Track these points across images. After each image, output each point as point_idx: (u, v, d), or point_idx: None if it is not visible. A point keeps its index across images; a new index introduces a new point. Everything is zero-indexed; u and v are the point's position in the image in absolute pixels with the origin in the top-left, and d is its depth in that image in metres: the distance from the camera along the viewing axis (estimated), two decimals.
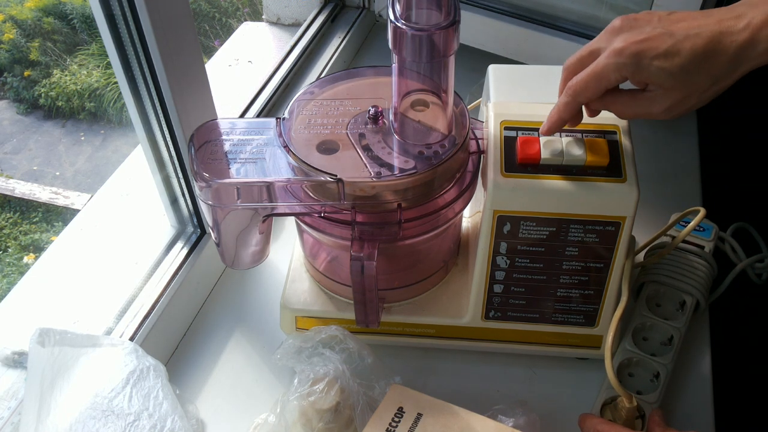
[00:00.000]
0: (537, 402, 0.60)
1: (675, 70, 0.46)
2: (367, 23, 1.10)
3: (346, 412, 0.55)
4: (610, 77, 0.48)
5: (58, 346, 0.55)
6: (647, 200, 0.57)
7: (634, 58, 0.46)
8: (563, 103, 0.51)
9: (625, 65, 0.47)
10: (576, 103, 0.51)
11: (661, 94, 0.48)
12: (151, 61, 0.58)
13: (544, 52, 0.91)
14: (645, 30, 0.46)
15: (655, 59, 0.46)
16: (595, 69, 0.48)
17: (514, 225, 0.55)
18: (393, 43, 0.50)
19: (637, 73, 0.47)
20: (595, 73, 0.48)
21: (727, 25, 0.45)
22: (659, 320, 0.65)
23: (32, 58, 3.47)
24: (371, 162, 0.54)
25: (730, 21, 0.45)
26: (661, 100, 0.48)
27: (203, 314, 0.71)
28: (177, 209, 0.70)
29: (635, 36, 0.46)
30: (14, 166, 3.15)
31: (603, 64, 0.48)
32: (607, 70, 0.48)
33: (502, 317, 0.62)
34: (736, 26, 0.45)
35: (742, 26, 0.44)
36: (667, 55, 0.45)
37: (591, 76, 0.48)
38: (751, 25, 0.44)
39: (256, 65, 1.07)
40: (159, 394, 0.57)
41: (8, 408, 0.56)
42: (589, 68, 0.49)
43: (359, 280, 0.55)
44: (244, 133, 0.57)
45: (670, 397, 0.62)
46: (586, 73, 0.49)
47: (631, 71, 0.47)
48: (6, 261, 2.71)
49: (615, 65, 0.47)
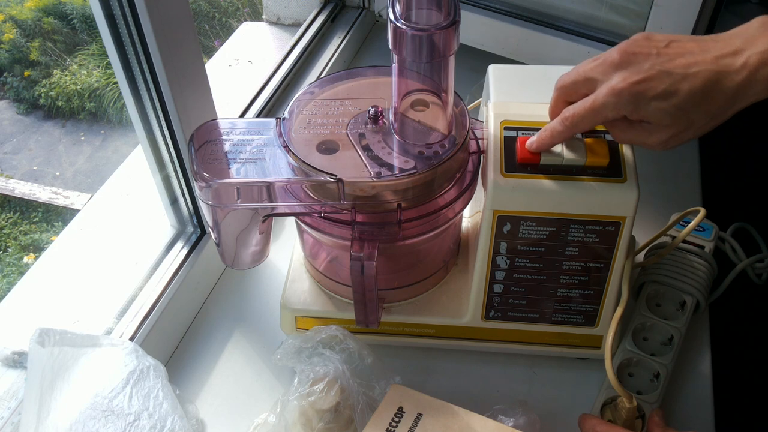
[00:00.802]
0: (537, 402, 0.60)
1: (672, 109, 0.46)
2: (367, 23, 1.10)
3: (346, 412, 0.55)
4: (607, 114, 0.48)
5: (58, 346, 0.55)
6: (647, 200, 0.57)
7: (633, 98, 0.46)
8: (558, 132, 0.52)
9: (624, 105, 0.47)
10: (571, 132, 0.52)
11: (657, 128, 0.48)
12: (151, 61, 0.58)
13: (544, 52, 0.91)
14: (643, 67, 0.46)
15: (653, 100, 0.46)
16: (594, 105, 0.48)
17: (514, 225, 0.55)
18: (393, 43, 0.50)
19: (635, 112, 0.47)
20: (593, 109, 0.48)
21: (724, 63, 0.45)
22: (659, 320, 0.65)
23: (32, 58, 3.47)
24: (371, 162, 0.54)
25: (727, 59, 0.45)
26: (657, 133, 0.48)
27: (203, 314, 0.71)
28: (177, 209, 0.70)
29: (633, 75, 0.46)
30: (14, 166, 3.15)
31: (601, 102, 0.48)
32: (605, 108, 0.48)
33: (502, 317, 0.62)
34: (733, 65, 0.45)
35: (739, 65, 0.44)
36: (665, 96, 0.46)
37: (588, 111, 0.49)
38: (749, 64, 0.44)
39: (256, 65, 1.07)
40: (159, 394, 0.57)
41: (8, 408, 0.56)
42: (588, 102, 0.49)
43: (359, 280, 0.55)
44: (244, 133, 0.57)
45: (670, 397, 0.62)
46: (584, 107, 0.49)
47: (629, 110, 0.47)
48: (6, 261, 2.71)
49: (613, 105, 0.47)
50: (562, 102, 0.52)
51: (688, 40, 0.47)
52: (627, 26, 0.85)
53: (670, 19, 0.78)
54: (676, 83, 0.45)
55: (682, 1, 0.77)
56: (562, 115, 0.51)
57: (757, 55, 0.44)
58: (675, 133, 0.48)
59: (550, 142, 0.53)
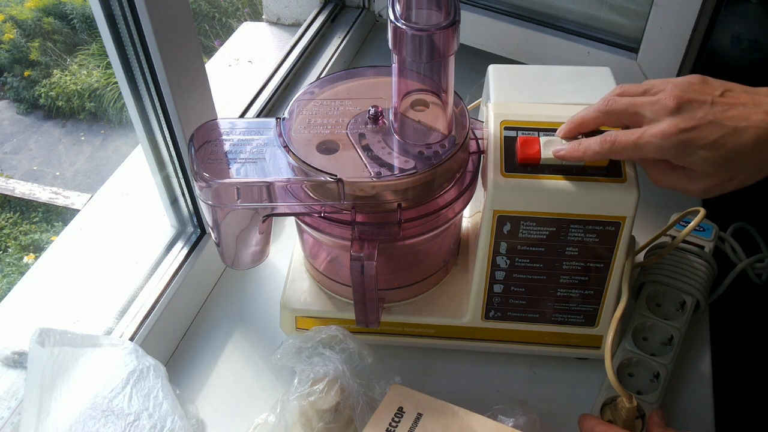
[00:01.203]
0: (537, 402, 0.60)
1: (718, 160, 0.46)
2: (367, 23, 1.10)
3: (346, 412, 0.55)
4: (648, 154, 0.48)
5: (58, 346, 0.55)
6: (647, 200, 0.57)
7: (680, 145, 0.46)
8: (593, 151, 0.51)
9: (669, 150, 0.47)
10: (607, 156, 0.51)
11: (700, 177, 0.48)
12: (151, 61, 0.58)
13: (544, 52, 0.91)
14: (696, 115, 0.46)
15: (701, 149, 0.46)
16: (639, 141, 0.48)
17: (514, 225, 0.55)
18: (393, 43, 0.50)
19: (679, 158, 0.47)
20: (637, 145, 0.48)
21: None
22: (659, 320, 0.65)
23: (32, 58, 3.47)
24: (371, 162, 0.54)
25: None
26: (700, 181, 0.48)
27: (203, 314, 0.71)
28: (177, 209, 0.70)
29: (685, 122, 0.46)
30: (14, 166, 3.15)
31: (646, 140, 0.48)
32: (649, 148, 0.48)
33: (502, 317, 0.62)
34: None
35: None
36: (713, 147, 0.46)
37: (632, 144, 0.49)
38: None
39: (256, 65, 1.07)
40: (159, 394, 0.57)
41: (8, 408, 0.56)
42: (633, 136, 0.49)
43: (359, 280, 0.55)
44: (244, 133, 0.57)
45: (670, 397, 0.62)
46: (628, 139, 0.49)
47: (674, 155, 0.47)
48: (6, 261, 2.71)
49: (659, 147, 0.47)
50: (599, 124, 0.52)
51: (742, 91, 0.47)
52: (627, 26, 0.85)
53: (670, 19, 0.78)
54: (727, 136, 0.45)
55: (682, 1, 0.77)
56: (603, 138, 0.51)
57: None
58: (718, 183, 0.48)
59: (579, 156, 0.52)
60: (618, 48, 0.86)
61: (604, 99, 0.52)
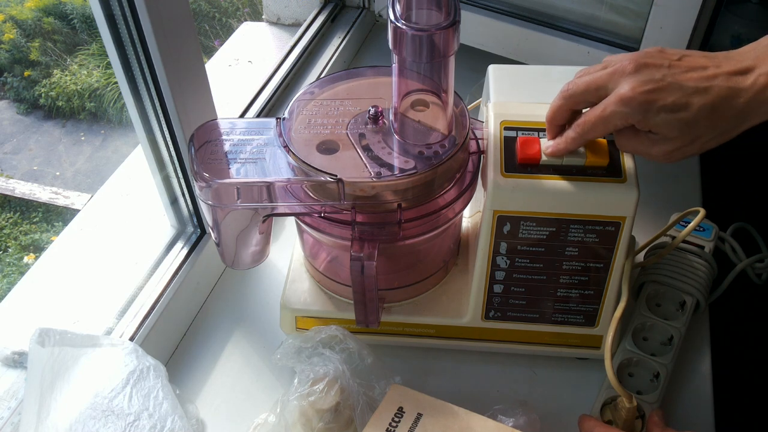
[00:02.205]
0: (537, 402, 0.60)
1: (680, 122, 0.46)
2: (367, 23, 1.10)
3: (346, 412, 0.55)
4: (616, 123, 0.48)
5: (58, 346, 0.55)
6: (647, 200, 0.57)
7: (642, 107, 0.46)
8: (571, 138, 0.52)
9: (632, 114, 0.47)
10: (583, 140, 0.52)
11: (662, 140, 0.48)
12: (151, 61, 0.58)
13: (544, 52, 0.91)
14: (655, 77, 0.46)
15: (662, 111, 0.46)
16: (603, 114, 0.48)
17: (514, 225, 0.55)
18: (393, 43, 0.50)
19: (643, 121, 0.47)
20: (603, 118, 0.49)
21: (735, 81, 0.45)
22: (659, 320, 0.65)
23: (32, 58, 3.47)
24: (371, 162, 0.54)
25: (738, 78, 0.45)
26: (662, 144, 0.48)
27: (203, 314, 0.71)
28: (177, 209, 0.70)
29: (644, 84, 0.46)
30: (14, 166, 3.15)
31: (610, 111, 0.48)
32: (614, 117, 0.48)
33: (502, 317, 0.62)
34: (743, 83, 0.45)
35: (749, 84, 0.45)
36: (674, 108, 0.46)
37: (599, 119, 0.49)
38: (758, 84, 0.44)
39: (256, 65, 1.07)
40: (159, 394, 0.57)
41: (8, 408, 0.56)
42: (597, 111, 0.49)
43: (359, 280, 0.55)
44: (244, 133, 0.57)
45: (670, 397, 0.62)
46: (594, 115, 0.49)
47: (638, 119, 0.47)
48: (6, 261, 2.71)
49: (622, 114, 0.47)
50: (567, 110, 0.52)
51: (701, 56, 0.47)
52: (627, 26, 0.85)
53: (670, 19, 0.78)
54: (687, 96, 0.45)
55: (682, 1, 0.77)
56: (576, 122, 0.51)
57: (765, 75, 0.44)
58: (679, 146, 0.48)
59: (564, 147, 0.53)
60: (618, 48, 0.86)
61: (565, 84, 0.52)
